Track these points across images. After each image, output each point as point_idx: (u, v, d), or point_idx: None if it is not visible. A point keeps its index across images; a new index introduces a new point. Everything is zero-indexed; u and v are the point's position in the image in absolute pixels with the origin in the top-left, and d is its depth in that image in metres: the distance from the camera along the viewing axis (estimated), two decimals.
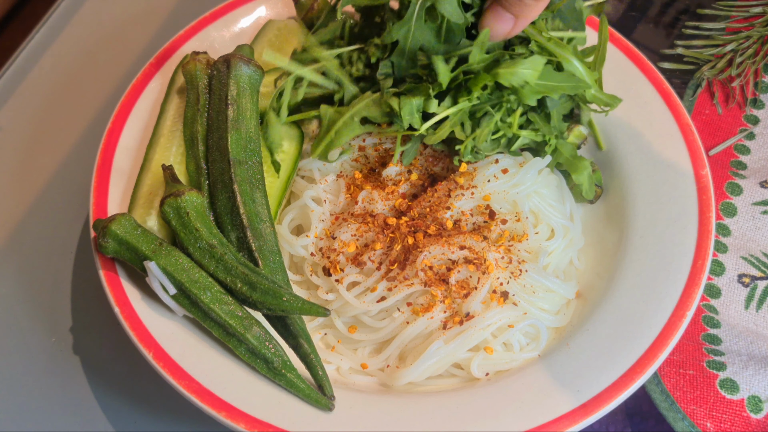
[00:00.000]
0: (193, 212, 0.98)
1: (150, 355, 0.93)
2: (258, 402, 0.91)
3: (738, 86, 1.34)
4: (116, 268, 0.99)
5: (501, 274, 1.00)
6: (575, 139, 1.15)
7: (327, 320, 1.03)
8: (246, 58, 1.11)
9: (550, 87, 1.02)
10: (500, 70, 1.00)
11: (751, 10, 1.44)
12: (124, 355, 1.08)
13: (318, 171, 1.11)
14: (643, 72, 1.20)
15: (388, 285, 1.00)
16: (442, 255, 1.01)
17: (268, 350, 0.93)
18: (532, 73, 1.00)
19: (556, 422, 0.90)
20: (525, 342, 1.01)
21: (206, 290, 0.94)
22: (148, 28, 1.47)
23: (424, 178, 1.10)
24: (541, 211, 1.08)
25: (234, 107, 1.07)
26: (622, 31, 1.32)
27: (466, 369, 0.99)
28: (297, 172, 1.12)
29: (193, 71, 1.13)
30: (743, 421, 1.00)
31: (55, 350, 1.10)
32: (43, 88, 1.38)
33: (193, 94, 1.12)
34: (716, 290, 1.12)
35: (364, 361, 1.00)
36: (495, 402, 0.93)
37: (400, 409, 0.93)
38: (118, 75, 1.40)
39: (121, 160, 1.11)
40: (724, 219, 1.19)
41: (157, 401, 1.05)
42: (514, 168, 1.07)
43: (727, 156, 1.27)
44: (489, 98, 1.03)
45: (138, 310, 0.97)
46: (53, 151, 1.30)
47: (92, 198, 1.06)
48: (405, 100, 1.02)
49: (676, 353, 1.05)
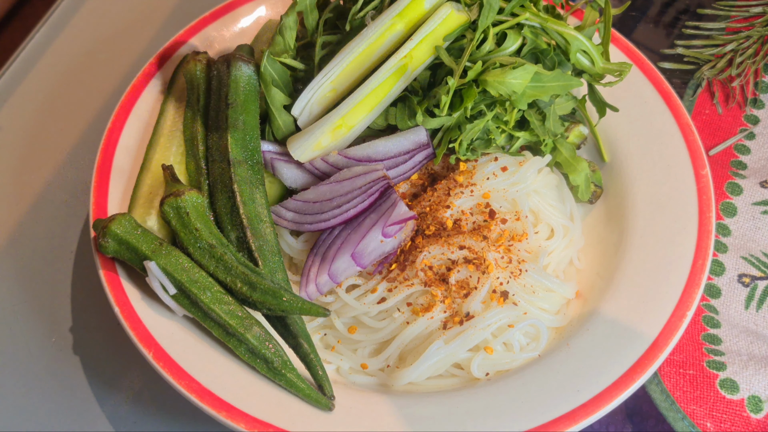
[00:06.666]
0: (193, 212, 0.98)
1: (150, 355, 0.93)
2: (258, 402, 0.91)
3: (738, 86, 1.34)
4: (116, 268, 0.99)
5: (501, 273, 1.00)
6: (575, 138, 1.15)
7: (327, 320, 1.03)
8: (246, 58, 1.11)
9: (539, 89, 1.02)
10: (489, 78, 1.00)
11: (751, 10, 1.44)
12: (124, 355, 1.08)
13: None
14: (643, 72, 1.20)
15: (388, 286, 1.00)
16: (442, 255, 1.01)
17: (268, 350, 0.93)
18: (521, 83, 1.00)
19: (556, 422, 0.90)
20: (525, 342, 1.01)
21: (206, 290, 0.94)
22: (148, 28, 1.47)
23: (424, 178, 1.11)
24: (540, 210, 1.08)
25: (234, 107, 1.07)
26: (622, 31, 1.32)
27: (466, 369, 0.99)
28: None
29: (193, 71, 1.13)
30: (743, 421, 1.00)
31: (55, 350, 1.10)
32: (43, 88, 1.38)
33: (193, 94, 1.12)
34: (716, 290, 1.12)
35: (364, 362, 1.00)
36: (495, 402, 0.93)
37: (400, 409, 0.93)
38: (118, 75, 1.40)
39: (121, 160, 1.11)
40: (724, 219, 1.19)
41: (157, 401, 1.05)
42: (514, 166, 1.07)
43: (727, 156, 1.27)
44: (483, 98, 1.03)
45: (138, 310, 0.97)
46: (53, 151, 1.30)
47: (92, 198, 1.06)
48: (401, 109, 1.06)
49: (676, 353, 1.05)
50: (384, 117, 1.08)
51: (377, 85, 1.04)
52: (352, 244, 0.99)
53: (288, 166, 1.08)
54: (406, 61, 1.04)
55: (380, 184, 1.01)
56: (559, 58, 1.07)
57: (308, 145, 1.05)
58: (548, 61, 1.06)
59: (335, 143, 1.06)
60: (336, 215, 1.01)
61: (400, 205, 0.99)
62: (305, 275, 1.01)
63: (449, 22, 1.04)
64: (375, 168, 1.02)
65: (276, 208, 1.05)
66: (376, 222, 0.99)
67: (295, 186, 1.09)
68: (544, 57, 1.06)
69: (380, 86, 1.04)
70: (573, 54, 1.07)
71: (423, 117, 1.04)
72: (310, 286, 1.00)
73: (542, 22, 1.05)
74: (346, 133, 1.06)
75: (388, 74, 1.04)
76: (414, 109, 1.05)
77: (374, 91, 1.05)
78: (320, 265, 1.00)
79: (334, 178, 1.04)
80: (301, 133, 1.06)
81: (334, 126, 1.05)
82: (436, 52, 1.04)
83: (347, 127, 1.06)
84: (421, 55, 1.04)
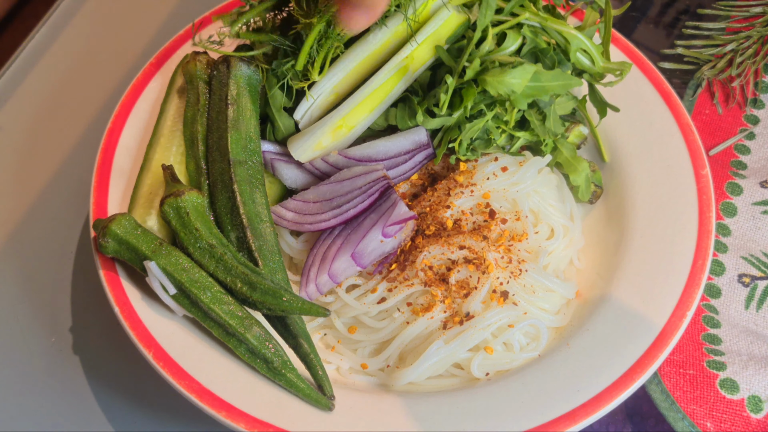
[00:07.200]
0: (193, 212, 0.98)
1: (150, 355, 0.93)
2: (258, 402, 0.91)
3: (738, 86, 1.34)
4: (116, 268, 0.99)
5: (501, 273, 1.00)
6: (575, 138, 1.15)
7: (327, 320, 1.03)
8: (246, 58, 1.11)
9: (539, 89, 1.02)
10: (488, 77, 1.00)
11: (751, 10, 1.44)
12: (124, 355, 1.08)
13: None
14: (643, 72, 1.20)
15: (388, 286, 1.00)
16: (442, 255, 1.01)
17: (268, 350, 0.93)
18: (520, 82, 1.00)
19: (556, 422, 0.90)
20: (525, 342, 1.01)
21: (206, 290, 0.94)
22: (148, 28, 1.47)
23: (424, 178, 1.11)
24: (541, 210, 1.08)
25: (234, 107, 1.07)
26: (622, 31, 1.32)
27: (466, 369, 0.99)
28: None
29: (193, 71, 1.13)
30: (743, 421, 1.00)
31: (55, 350, 1.10)
32: (43, 88, 1.38)
33: (193, 94, 1.12)
34: (716, 290, 1.12)
35: (364, 361, 1.00)
36: (495, 402, 0.93)
37: (400, 409, 0.93)
38: (118, 75, 1.40)
39: (121, 160, 1.11)
40: (724, 219, 1.19)
41: (157, 401, 1.05)
42: (514, 166, 1.07)
43: (727, 156, 1.27)
44: (482, 98, 1.03)
45: (138, 310, 0.97)
46: (53, 151, 1.30)
47: (92, 198, 1.06)
48: (401, 109, 1.06)
49: (676, 353, 1.05)
50: (384, 117, 1.08)
51: (378, 86, 1.04)
52: (352, 244, 0.99)
53: (288, 167, 1.08)
54: (407, 62, 1.04)
55: (380, 184, 1.01)
56: (559, 57, 1.07)
57: (309, 146, 1.05)
58: (548, 60, 1.06)
59: (336, 143, 1.06)
60: (336, 215, 1.01)
61: (400, 205, 0.99)
62: (305, 275, 1.01)
63: (450, 23, 1.04)
64: (375, 168, 1.02)
65: (276, 208, 1.05)
66: (376, 222, 0.99)
67: (295, 186, 1.09)
68: (543, 56, 1.06)
69: (381, 87, 1.04)
70: (573, 53, 1.07)
71: (423, 117, 1.04)
72: (310, 286, 1.00)
73: (542, 21, 1.05)
74: (346, 133, 1.06)
75: (389, 75, 1.04)
76: (414, 109, 1.05)
77: (375, 92, 1.05)
78: (320, 265, 1.00)
79: (334, 178, 1.04)
80: (302, 133, 1.06)
81: (334, 126, 1.05)
82: (436, 53, 1.04)
83: (348, 127, 1.06)
84: (422, 55, 1.04)
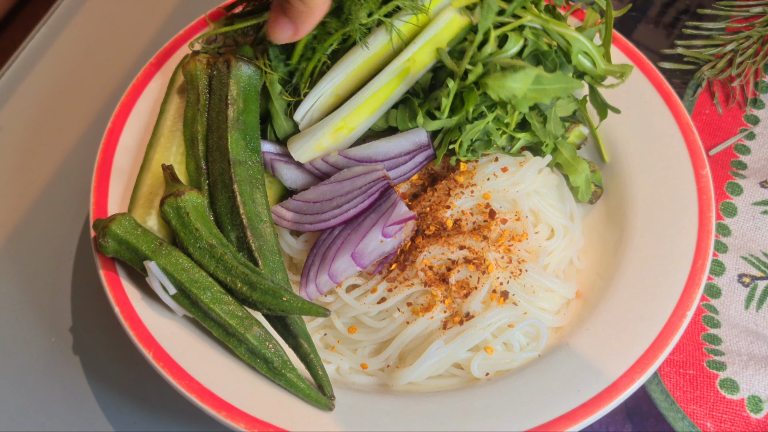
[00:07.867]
0: (193, 212, 0.98)
1: (150, 355, 0.93)
2: (258, 402, 0.91)
3: (738, 86, 1.34)
4: (116, 268, 0.99)
5: (501, 273, 1.00)
6: (575, 139, 1.15)
7: (327, 320, 1.03)
8: (246, 58, 1.11)
9: (540, 92, 1.02)
10: (489, 81, 1.00)
11: (751, 10, 1.44)
12: (124, 355, 1.08)
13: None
14: (643, 72, 1.19)
15: (388, 286, 1.00)
16: (442, 255, 1.01)
17: (268, 350, 0.93)
18: (521, 86, 1.00)
19: (556, 422, 0.90)
20: (525, 342, 1.01)
21: (206, 290, 0.94)
22: (148, 28, 1.47)
23: (424, 178, 1.11)
24: (541, 210, 1.08)
25: (234, 107, 1.07)
26: (622, 31, 1.32)
27: (466, 369, 0.99)
28: None
29: (193, 71, 1.13)
30: (743, 421, 1.00)
31: (55, 350, 1.10)
32: (43, 88, 1.38)
33: (193, 94, 1.12)
34: (716, 290, 1.12)
35: (364, 361, 1.00)
36: (495, 402, 0.93)
37: (400, 409, 0.93)
38: (118, 75, 1.40)
39: (121, 160, 1.11)
40: (724, 219, 1.19)
41: (157, 401, 1.05)
42: (514, 167, 1.07)
43: (727, 156, 1.27)
44: (483, 100, 1.03)
45: (138, 310, 0.97)
46: (53, 151, 1.30)
47: (92, 198, 1.06)
48: (402, 110, 1.06)
49: (676, 353, 1.05)
50: (385, 119, 1.08)
51: (379, 88, 1.04)
52: (352, 244, 0.99)
53: (288, 167, 1.08)
54: (408, 64, 1.04)
55: (380, 184, 1.01)
56: (560, 59, 1.07)
57: (309, 146, 1.05)
58: (550, 62, 1.06)
59: (336, 144, 1.06)
60: (336, 215, 1.01)
61: (400, 205, 0.99)
62: (305, 275, 1.01)
63: (452, 25, 1.04)
64: (375, 168, 1.02)
65: (276, 208, 1.05)
66: (376, 222, 0.99)
67: (295, 186, 1.09)
68: (545, 59, 1.06)
69: (382, 89, 1.04)
70: (574, 55, 1.06)
71: (424, 119, 1.04)
72: (310, 286, 1.00)
73: (544, 24, 1.05)
74: (347, 134, 1.06)
75: (391, 77, 1.04)
76: (415, 110, 1.05)
77: (376, 94, 1.05)
78: (320, 265, 1.00)
79: (334, 178, 1.04)
80: (302, 133, 1.06)
81: (335, 127, 1.05)
82: (438, 56, 1.04)
83: (348, 128, 1.06)
84: (423, 58, 1.04)
